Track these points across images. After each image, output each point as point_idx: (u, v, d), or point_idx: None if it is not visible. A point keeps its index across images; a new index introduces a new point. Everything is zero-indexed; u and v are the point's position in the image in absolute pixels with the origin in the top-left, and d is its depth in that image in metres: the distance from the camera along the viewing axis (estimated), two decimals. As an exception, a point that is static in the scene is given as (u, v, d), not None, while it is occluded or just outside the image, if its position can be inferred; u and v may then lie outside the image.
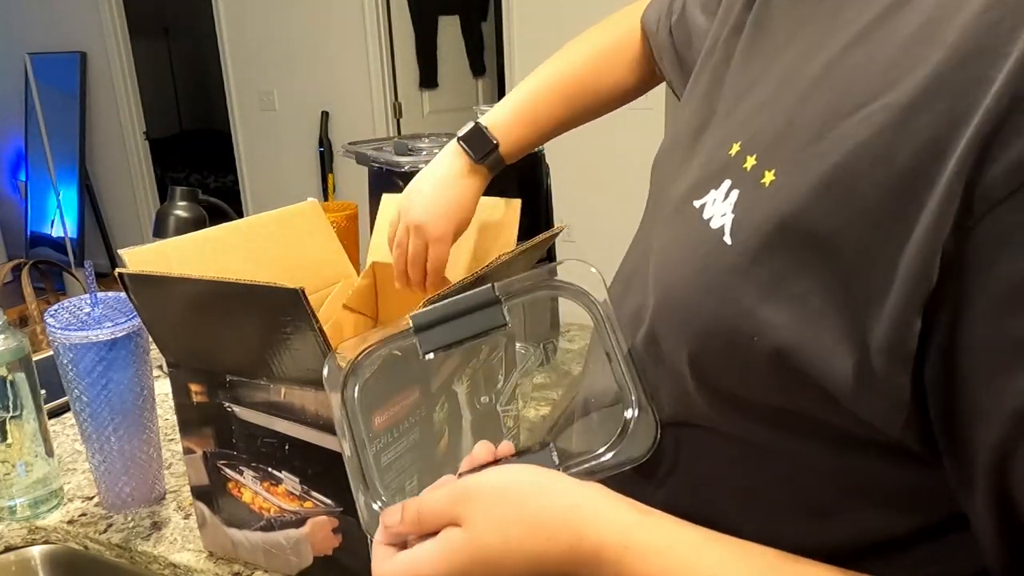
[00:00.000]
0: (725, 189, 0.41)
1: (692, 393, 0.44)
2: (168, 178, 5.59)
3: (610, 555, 0.40)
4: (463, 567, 0.42)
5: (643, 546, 0.40)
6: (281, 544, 0.71)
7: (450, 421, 0.75)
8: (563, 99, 0.83)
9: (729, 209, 0.40)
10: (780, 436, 0.42)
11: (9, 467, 0.82)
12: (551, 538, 0.41)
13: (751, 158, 0.40)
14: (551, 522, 0.41)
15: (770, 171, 0.38)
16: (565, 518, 0.41)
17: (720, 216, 0.41)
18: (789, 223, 0.36)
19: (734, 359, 0.40)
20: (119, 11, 4.35)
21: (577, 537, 0.41)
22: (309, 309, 0.57)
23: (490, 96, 4.50)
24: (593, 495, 0.42)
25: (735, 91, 0.48)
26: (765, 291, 0.38)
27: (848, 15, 0.39)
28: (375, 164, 1.10)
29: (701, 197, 0.44)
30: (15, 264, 2.35)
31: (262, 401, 0.67)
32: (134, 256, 0.73)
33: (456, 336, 0.49)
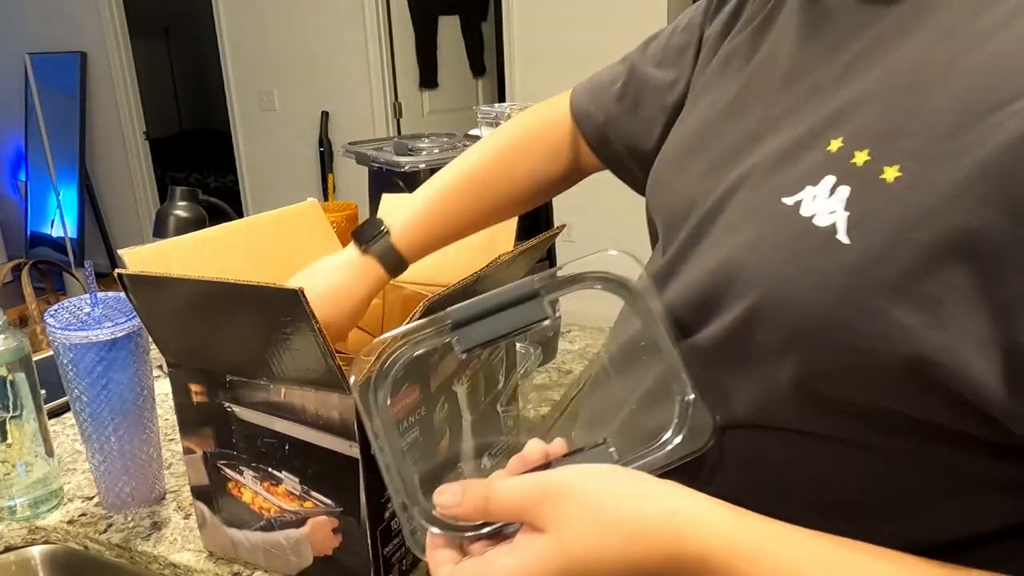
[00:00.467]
0: (828, 186, 0.40)
1: (784, 394, 0.42)
2: (168, 178, 5.60)
3: (715, 561, 0.39)
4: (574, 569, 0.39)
5: (749, 549, 0.39)
6: (281, 544, 0.71)
7: (450, 422, 0.75)
8: (471, 195, 0.78)
9: (840, 207, 0.39)
10: (881, 436, 0.41)
11: (9, 467, 0.82)
12: (650, 546, 0.39)
13: (860, 153, 0.39)
14: (649, 529, 0.39)
15: (892, 167, 0.38)
16: (664, 524, 0.39)
17: (828, 214, 0.39)
18: (925, 221, 0.35)
19: (855, 363, 0.38)
20: (119, 11, 4.35)
21: (678, 544, 0.39)
22: (309, 310, 0.57)
23: (490, 96, 4.51)
24: (690, 498, 0.41)
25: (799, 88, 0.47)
26: (895, 292, 0.36)
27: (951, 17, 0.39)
28: (375, 164, 1.10)
29: (793, 194, 0.42)
30: (15, 264, 2.35)
31: (262, 401, 0.67)
32: (134, 256, 0.73)
33: (496, 332, 0.47)
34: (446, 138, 1.19)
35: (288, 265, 0.87)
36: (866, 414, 0.40)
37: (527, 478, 0.42)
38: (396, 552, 0.70)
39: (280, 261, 0.86)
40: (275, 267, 0.85)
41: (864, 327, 0.37)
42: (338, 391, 0.62)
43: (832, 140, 0.41)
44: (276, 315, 0.60)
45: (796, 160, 0.44)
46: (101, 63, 4.45)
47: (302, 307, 0.57)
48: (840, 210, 0.39)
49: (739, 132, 0.51)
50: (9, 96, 4.65)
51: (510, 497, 0.41)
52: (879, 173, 0.38)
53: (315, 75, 3.99)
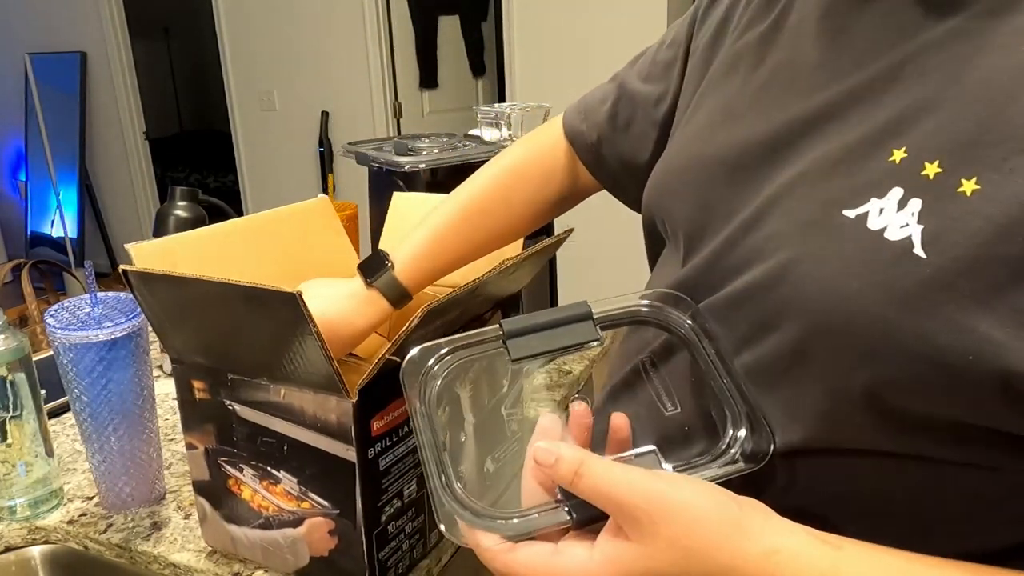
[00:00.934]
0: (896, 198, 0.39)
1: (855, 411, 0.41)
2: (168, 178, 5.59)
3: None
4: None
5: None
6: (279, 543, 0.71)
7: (451, 425, 0.75)
8: (471, 225, 0.79)
9: (912, 220, 0.38)
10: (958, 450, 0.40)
11: (9, 467, 0.82)
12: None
13: (931, 165, 0.38)
14: (744, 568, 0.38)
15: (969, 180, 0.37)
16: (761, 566, 0.38)
17: (900, 227, 0.39)
18: (1010, 233, 0.35)
19: (940, 377, 0.37)
20: (119, 11, 4.35)
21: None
22: (307, 313, 0.57)
23: (490, 96, 4.51)
24: (790, 535, 0.40)
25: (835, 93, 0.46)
26: (980, 306, 0.36)
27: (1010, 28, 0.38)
28: (375, 164, 1.10)
29: (857, 206, 0.41)
30: (15, 264, 2.35)
31: (262, 401, 0.67)
32: (140, 251, 0.73)
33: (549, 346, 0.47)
34: (446, 138, 1.19)
35: (297, 261, 0.87)
36: (943, 427, 0.39)
37: (629, 472, 0.40)
38: (392, 556, 0.70)
39: (289, 257, 0.86)
40: (284, 263, 0.85)
41: (951, 342, 0.37)
42: (336, 394, 0.62)
43: (895, 150, 0.40)
44: (275, 317, 0.60)
45: (852, 171, 0.42)
46: (101, 63, 4.45)
47: (300, 310, 0.57)
48: (913, 223, 0.38)
49: (763, 137, 0.50)
50: (9, 96, 4.65)
51: (609, 485, 0.39)
52: (956, 186, 0.37)
53: (315, 75, 3.99)
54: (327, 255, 0.91)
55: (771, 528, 0.40)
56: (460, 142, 1.16)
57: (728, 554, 0.38)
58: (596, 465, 0.40)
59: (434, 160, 1.05)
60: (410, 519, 0.71)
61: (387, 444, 0.66)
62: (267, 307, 0.60)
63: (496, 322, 0.49)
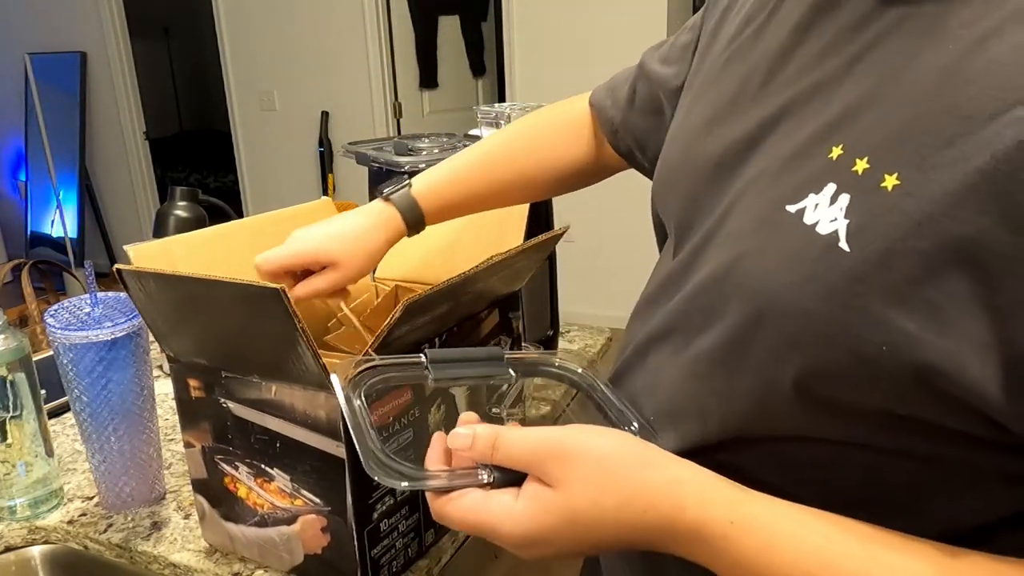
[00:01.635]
0: (830, 194, 0.41)
1: (785, 401, 0.43)
2: (168, 178, 5.59)
3: (713, 531, 0.40)
4: (551, 529, 0.42)
5: (748, 520, 0.40)
6: (274, 540, 0.71)
7: (447, 424, 0.75)
8: (494, 169, 0.82)
9: (840, 215, 0.40)
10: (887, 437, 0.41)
11: (9, 467, 0.82)
12: (648, 510, 0.41)
13: (861, 161, 0.40)
14: (651, 495, 0.41)
15: (891, 175, 0.38)
16: (666, 492, 0.42)
17: (829, 221, 0.40)
18: (925, 228, 0.36)
19: (860, 368, 0.39)
20: (119, 11, 4.35)
21: (677, 512, 0.41)
22: (291, 308, 0.57)
23: (490, 96, 4.51)
24: (695, 470, 0.43)
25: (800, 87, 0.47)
26: (895, 298, 0.37)
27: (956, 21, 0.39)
28: (375, 164, 1.10)
29: (797, 202, 0.42)
30: (15, 264, 2.35)
31: (254, 398, 0.67)
32: (139, 252, 0.73)
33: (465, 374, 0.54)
34: (446, 138, 1.19)
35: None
36: (872, 417, 0.41)
37: (538, 432, 0.43)
38: (386, 554, 0.70)
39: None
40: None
41: (866, 333, 0.38)
42: (324, 390, 0.62)
43: (834, 147, 0.42)
44: (262, 313, 0.60)
45: (799, 167, 0.44)
46: (101, 63, 4.45)
47: (285, 305, 0.57)
48: (840, 218, 0.40)
49: (740, 134, 0.51)
50: (9, 96, 4.65)
51: (522, 448, 0.43)
52: (879, 181, 0.38)
53: (315, 75, 3.99)
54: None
55: (676, 461, 0.43)
56: (460, 142, 1.16)
57: (637, 484, 0.42)
58: (509, 432, 0.44)
59: (434, 160, 1.05)
60: (403, 517, 0.71)
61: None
62: (254, 303, 0.60)
63: (493, 322, 0.51)
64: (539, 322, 1.14)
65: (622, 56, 0.81)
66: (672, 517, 0.41)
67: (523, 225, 0.87)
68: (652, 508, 0.41)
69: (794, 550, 0.40)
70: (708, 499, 0.41)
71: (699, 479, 0.42)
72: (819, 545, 0.39)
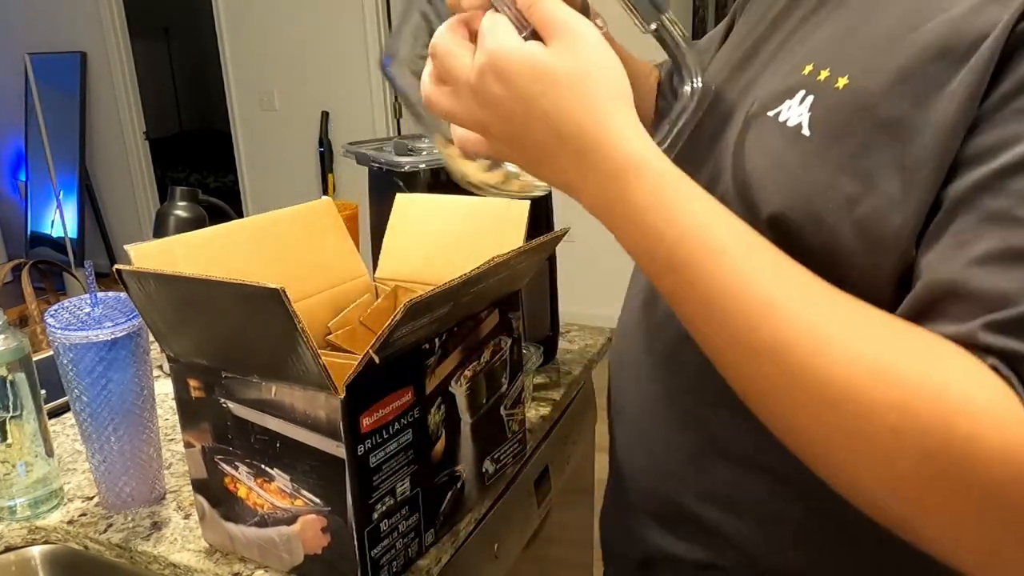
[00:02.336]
0: (800, 97, 0.51)
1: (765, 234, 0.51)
2: (168, 178, 5.59)
3: (637, 166, 0.47)
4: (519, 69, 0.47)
5: (655, 171, 0.47)
6: (274, 540, 0.71)
7: (447, 424, 0.75)
8: None
9: (805, 110, 0.50)
10: None
11: (9, 467, 0.82)
12: (606, 119, 0.47)
13: (824, 72, 0.50)
14: (619, 111, 0.48)
15: (843, 77, 0.49)
16: (630, 120, 0.48)
17: (796, 116, 0.50)
18: (863, 113, 0.47)
19: (810, 219, 0.48)
20: (119, 11, 4.35)
21: (623, 140, 0.47)
22: (291, 309, 0.57)
23: (490, 96, 4.50)
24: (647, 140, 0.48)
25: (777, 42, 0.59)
26: (841, 167, 0.47)
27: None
28: (375, 164, 1.10)
29: (775, 108, 0.53)
30: (15, 264, 2.35)
31: (254, 398, 0.67)
32: (140, 252, 0.73)
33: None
34: (446, 138, 1.19)
35: (299, 263, 0.87)
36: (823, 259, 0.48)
37: (579, 18, 0.48)
38: (386, 554, 0.70)
39: (291, 259, 0.86)
40: (286, 265, 0.85)
41: (817, 193, 0.48)
42: (324, 391, 0.62)
43: (807, 66, 0.52)
44: (262, 313, 0.60)
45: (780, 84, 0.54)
46: (101, 63, 4.45)
47: (283, 305, 0.57)
48: (805, 112, 0.50)
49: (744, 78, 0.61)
50: (9, 96, 4.65)
51: (558, 14, 0.48)
52: (834, 83, 0.49)
53: (315, 75, 3.99)
54: (330, 257, 0.91)
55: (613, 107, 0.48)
56: (460, 142, 1.16)
57: (614, 98, 0.48)
58: None
59: (434, 160, 1.05)
60: (404, 517, 0.71)
61: (377, 441, 0.66)
62: (254, 303, 0.60)
63: (493, 322, 0.51)
64: (539, 322, 1.14)
65: (622, 56, 0.81)
66: (615, 141, 0.47)
67: (523, 226, 0.87)
68: (605, 125, 0.47)
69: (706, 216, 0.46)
70: (654, 149, 0.48)
71: (654, 143, 0.48)
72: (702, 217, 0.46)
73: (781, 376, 0.42)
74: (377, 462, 0.67)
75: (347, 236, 0.94)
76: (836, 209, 0.47)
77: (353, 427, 0.63)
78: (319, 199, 0.93)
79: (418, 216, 0.93)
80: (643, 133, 0.48)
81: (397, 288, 0.92)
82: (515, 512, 0.96)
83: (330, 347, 0.86)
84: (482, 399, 0.80)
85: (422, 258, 0.93)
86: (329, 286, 0.90)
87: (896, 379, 0.39)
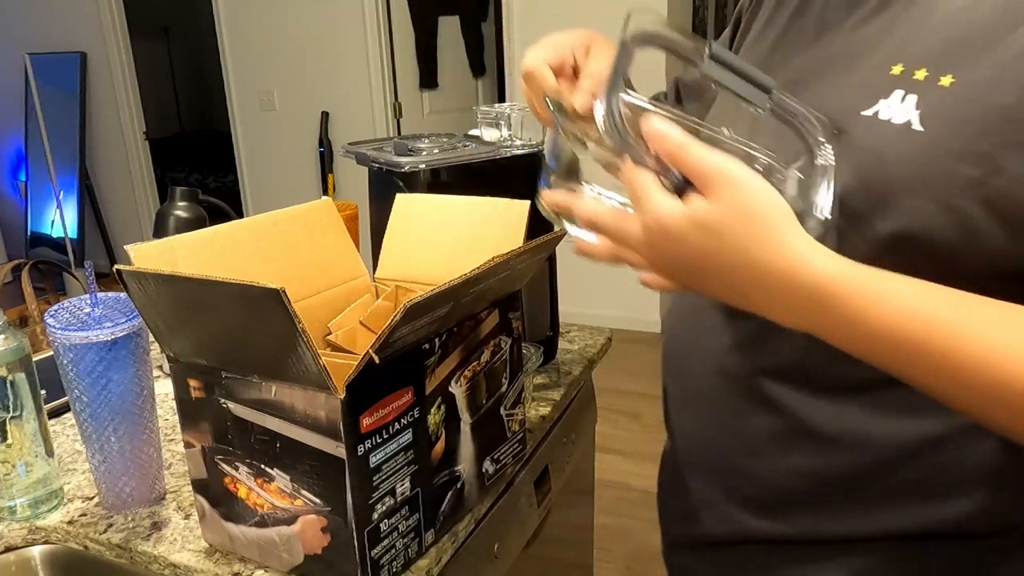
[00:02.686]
0: (899, 97, 0.55)
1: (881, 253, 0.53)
2: (168, 178, 5.60)
3: (833, 287, 0.48)
4: (687, 231, 0.49)
5: (848, 282, 0.48)
6: (274, 540, 0.71)
7: (447, 424, 0.75)
8: None
9: (911, 108, 0.54)
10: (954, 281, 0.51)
11: (9, 467, 0.82)
12: (781, 254, 0.49)
13: (920, 71, 0.54)
14: (789, 245, 0.49)
15: (945, 76, 0.53)
16: (802, 248, 0.49)
17: (902, 115, 0.54)
18: (976, 104, 0.51)
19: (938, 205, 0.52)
20: (119, 11, 4.35)
21: (805, 265, 0.48)
22: (291, 309, 0.57)
23: (490, 96, 4.51)
24: (827, 250, 0.49)
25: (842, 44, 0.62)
26: (961, 156, 0.51)
27: None
28: (375, 164, 1.10)
29: (870, 107, 0.56)
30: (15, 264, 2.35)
31: (254, 398, 0.67)
32: (140, 252, 0.73)
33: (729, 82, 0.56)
34: (446, 138, 1.19)
35: (300, 263, 0.87)
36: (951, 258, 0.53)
37: (726, 157, 0.50)
38: (386, 554, 0.70)
39: (291, 260, 0.86)
40: (286, 265, 0.85)
41: (945, 184, 0.52)
42: (324, 391, 0.62)
43: (893, 67, 0.56)
44: (262, 313, 0.60)
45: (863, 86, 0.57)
46: (101, 63, 4.45)
47: (283, 305, 0.57)
48: (911, 110, 0.54)
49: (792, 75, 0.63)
50: (9, 96, 4.65)
51: (705, 160, 0.49)
52: (937, 81, 0.53)
53: (315, 75, 3.99)
54: (330, 257, 0.91)
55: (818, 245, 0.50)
56: (460, 142, 1.16)
57: (781, 231, 0.49)
58: (697, 146, 0.50)
59: (434, 160, 1.05)
60: (404, 517, 0.71)
61: (377, 441, 0.66)
62: (254, 303, 0.60)
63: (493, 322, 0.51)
64: (539, 322, 1.14)
65: (622, 56, 0.80)
66: (795, 270, 0.48)
67: (523, 226, 0.87)
68: (783, 256, 0.48)
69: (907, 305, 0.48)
70: (840, 263, 0.49)
71: (835, 255, 0.49)
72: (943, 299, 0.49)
73: (1015, 400, 0.47)
74: (377, 462, 0.67)
75: (347, 236, 0.94)
76: (961, 193, 0.51)
77: (353, 427, 0.64)
78: (319, 199, 0.93)
79: (418, 216, 0.93)
80: (818, 247, 0.49)
81: (397, 288, 0.92)
82: (515, 512, 0.96)
83: (330, 347, 0.86)
84: (482, 399, 0.80)
85: (422, 258, 0.92)
86: (329, 286, 0.90)
87: None
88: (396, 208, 0.95)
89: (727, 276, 0.51)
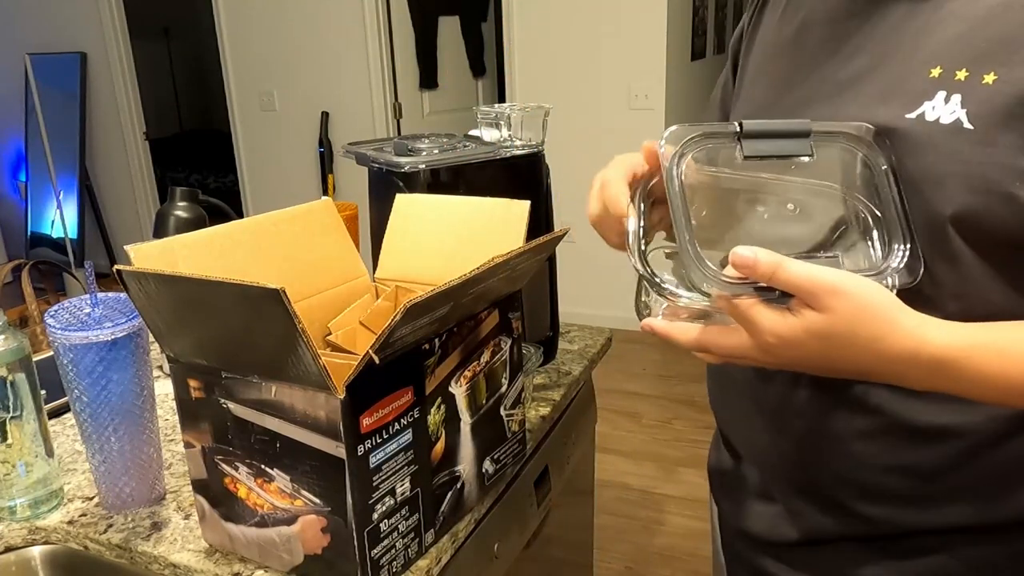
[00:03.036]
0: (942, 97, 0.57)
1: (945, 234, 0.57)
2: (168, 178, 5.60)
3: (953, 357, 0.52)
4: (805, 341, 0.53)
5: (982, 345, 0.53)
6: (274, 541, 0.71)
7: (447, 424, 0.75)
8: None
9: (956, 107, 0.56)
10: None
11: (9, 467, 0.82)
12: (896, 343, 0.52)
13: (960, 72, 0.57)
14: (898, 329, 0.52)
15: (988, 75, 0.55)
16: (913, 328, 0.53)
17: (949, 114, 0.56)
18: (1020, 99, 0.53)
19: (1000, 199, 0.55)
20: (119, 11, 4.35)
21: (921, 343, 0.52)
22: (291, 309, 0.57)
23: (490, 96, 4.51)
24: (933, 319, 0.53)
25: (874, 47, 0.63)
26: (1017, 148, 0.54)
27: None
28: (375, 164, 1.10)
29: (914, 110, 0.58)
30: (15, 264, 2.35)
31: (254, 399, 0.67)
32: (140, 252, 0.73)
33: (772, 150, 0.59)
34: (446, 138, 1.19)
35: (300, 264, 0.87)
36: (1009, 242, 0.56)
37: (817, 267, 0.52)
38: (386, 554, 0.70)
39: (290, 259, 0.86)
40: (284, 265, 0.85)
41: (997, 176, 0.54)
42: (324, 391, 0.62)
43: (932, 70, 0.58)
44: (262, 313, 0.60)
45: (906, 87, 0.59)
46: (101, 63, 4.45)
47: (283, 305, 0.57)
48: (958, 109, 0.56)
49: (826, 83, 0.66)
50: (9, 96, 4.65)
51: (805, 276, 0.52)
52: (980, 80, 0.56)
53: (315, 75, 3.99)
54: (330, 257, 0.91)
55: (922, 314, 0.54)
56: (460, 143, 1.16)
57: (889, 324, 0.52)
58: (792, 261, 0.52)
59: (434, 161, 1.05)
60: (404, 517, 0.71)
61: (377, 441, 0.66)
62: (254, 303, 0.60)
63: (493, 322, 0.51)
64: (539, 322, 1.14)
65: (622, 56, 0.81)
66: (916, 350, 0.52)
67: (524, 226, 0.87)
68: (902, 342, 0.52)
69: None
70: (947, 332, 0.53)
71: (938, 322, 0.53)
72: None
73: None
74: (377, 462, 0.67)
75: (347, 236, 0.94)
76: (1021, 183, 0.54)
77: (353, 427, 0.64)
78: (319, 199, 0.93)
79: (418, 216, 0.93)
80: (926, 319, 0.53)
81: (397, 288, 0.92)
82: (515, 512, 0.96)
83: (330, 347, 0.86)
84: (482, 399, 0.80)
85: (422, 258, 0.92)
86: (329, 286, 0.90)
87: None
88: (396, 208, 0.95)
89: (855, 366, 0.54)
